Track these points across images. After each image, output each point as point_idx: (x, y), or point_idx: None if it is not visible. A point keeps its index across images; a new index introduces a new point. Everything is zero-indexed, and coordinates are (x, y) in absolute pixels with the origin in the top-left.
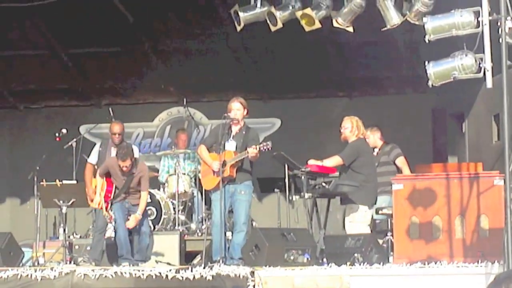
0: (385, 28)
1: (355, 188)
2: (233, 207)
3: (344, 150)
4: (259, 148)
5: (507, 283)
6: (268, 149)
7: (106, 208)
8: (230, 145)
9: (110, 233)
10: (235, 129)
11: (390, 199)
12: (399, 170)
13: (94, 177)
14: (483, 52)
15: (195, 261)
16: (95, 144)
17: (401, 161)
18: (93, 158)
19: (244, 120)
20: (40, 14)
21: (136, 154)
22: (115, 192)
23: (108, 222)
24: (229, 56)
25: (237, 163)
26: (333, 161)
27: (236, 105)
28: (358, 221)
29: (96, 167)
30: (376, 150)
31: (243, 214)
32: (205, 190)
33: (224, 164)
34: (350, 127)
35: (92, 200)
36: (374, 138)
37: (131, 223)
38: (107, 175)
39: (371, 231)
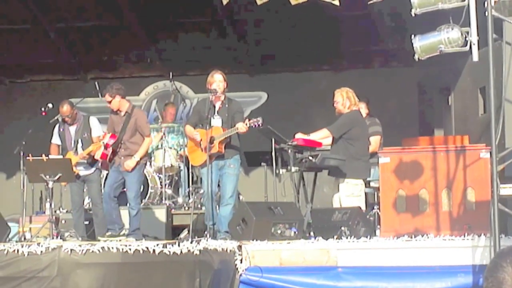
0: (372, 2)
1: (343, 162)
2: (221, 180)
3: (335, 122)
4: (250, 124)
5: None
6: (258, 125)
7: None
8: (216, 122)
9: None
10: (218, 103)
11: (374, 172)
12: None
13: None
14: (469, 26)
15: (182, 235)
16: (55, 126)
17: (374, 140)
18: (55, 139)
19: (225, 93)
20: None
21: (96, 125)
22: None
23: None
24: (215, 30)
25: (225, 139)
26: (320, 134)
27: (219, 77)
28: (351, 195)
29: (60, 147)
30: None
31: (230, 187)
32: (191, 164)
33: (211, 140)
34: (341, 100)
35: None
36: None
37: (128, 165)
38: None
39: (366, 205)
